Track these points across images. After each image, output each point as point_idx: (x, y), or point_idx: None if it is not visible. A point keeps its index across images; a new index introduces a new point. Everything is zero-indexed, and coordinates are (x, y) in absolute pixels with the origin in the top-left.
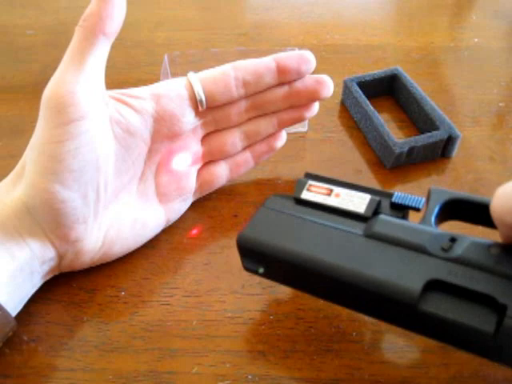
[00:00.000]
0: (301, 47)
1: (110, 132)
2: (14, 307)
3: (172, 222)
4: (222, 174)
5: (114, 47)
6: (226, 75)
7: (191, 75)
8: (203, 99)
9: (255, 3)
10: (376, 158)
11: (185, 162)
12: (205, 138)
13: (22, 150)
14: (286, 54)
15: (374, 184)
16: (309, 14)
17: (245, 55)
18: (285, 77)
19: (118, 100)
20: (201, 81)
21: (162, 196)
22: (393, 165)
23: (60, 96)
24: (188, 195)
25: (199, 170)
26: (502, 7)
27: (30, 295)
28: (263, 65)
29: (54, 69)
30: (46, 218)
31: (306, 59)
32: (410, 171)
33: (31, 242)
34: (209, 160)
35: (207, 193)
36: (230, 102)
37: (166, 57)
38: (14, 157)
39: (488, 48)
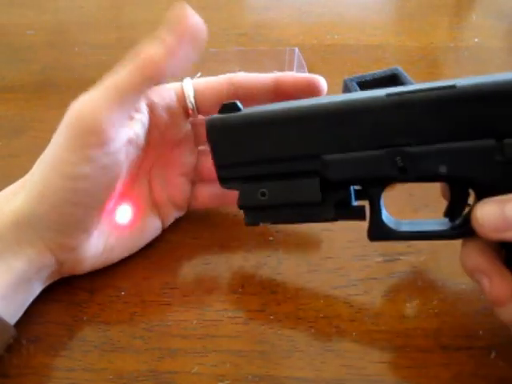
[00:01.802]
0: (301, 47)
1: (124, 153)
2: (12, 315)
3: (168, 224)
4: (214, 195)
5: (113, 47)
6: (220, 88)
7: (186, 83)
8: (195, 109)
9: (255, 3)
10: None
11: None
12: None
13: (22, 149)
14: (291, 77)
15: None
16: (309, 14)
17: (245, 55)
18: (283, 97)
19: None
20: (194, 90)
21: (156, 203)
22: None
23: (86, 121)
24: (182, 204)
25: (198, 187)
26: (502, 7)
27: (29, 302)
28: (261, 84)
29: (54, 69)
30: (49, 229)
31: (315, 86)
32: None
33: (30, 251)
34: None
35: (203, 208)
36: None
37: None
38: (14, 157)
39: (488, 48)
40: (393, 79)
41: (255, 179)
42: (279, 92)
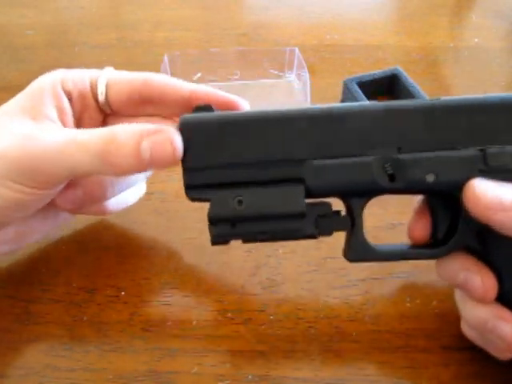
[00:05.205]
0: (300, 47)
1: None
2: None
3: None
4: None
5: (114, 47)
6: (133, 87)
7: (101, 74)
8: (105, 104)
9: (255, 3)
10: None
11: None
12: None
13: None
14: (209, 94)
15: None
16: (309, 14)
17: (244, 55)
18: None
19: None
20: (107, 84)
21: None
22: None
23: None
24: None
25: None
26: (502, 7)
27: None
28: (178, 92)
29: (54, 69)
30: None
31: (234, 108)
32: None
33: None
34: None
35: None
36: (134, 116)
37: (165, 57)
38: None
39: (488, 48)
40: (393, 79)
41: (231, 186)
42: (194, 104)
